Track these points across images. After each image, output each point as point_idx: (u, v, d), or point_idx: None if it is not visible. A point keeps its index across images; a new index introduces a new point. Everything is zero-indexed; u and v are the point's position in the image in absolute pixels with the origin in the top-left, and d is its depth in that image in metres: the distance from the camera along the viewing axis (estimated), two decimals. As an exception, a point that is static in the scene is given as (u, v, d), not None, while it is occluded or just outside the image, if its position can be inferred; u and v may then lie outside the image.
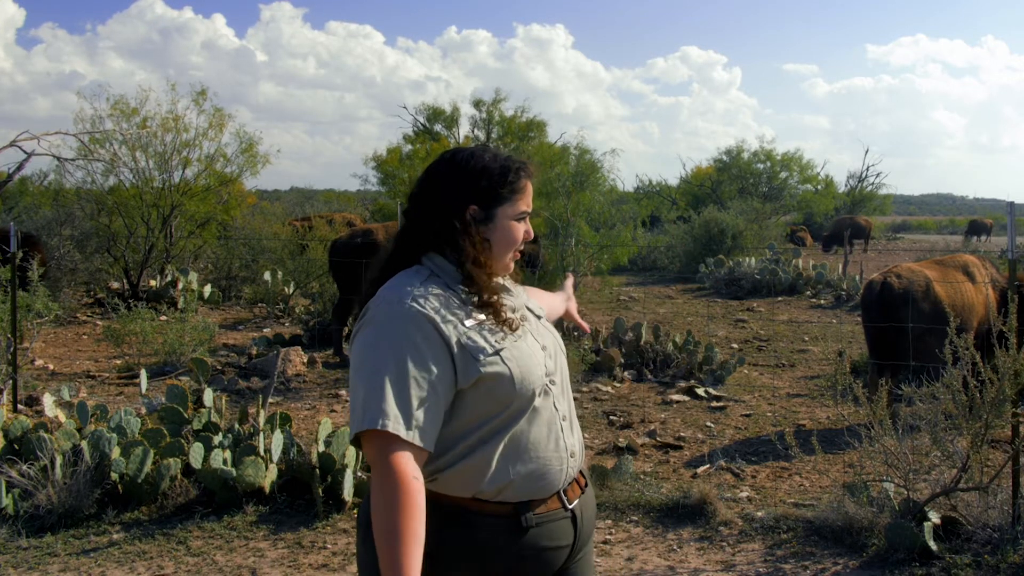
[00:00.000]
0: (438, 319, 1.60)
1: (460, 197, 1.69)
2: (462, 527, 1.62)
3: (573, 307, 2.37)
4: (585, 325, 2.40)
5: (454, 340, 1.60)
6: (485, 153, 1.74)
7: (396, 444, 1.52)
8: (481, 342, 1.62)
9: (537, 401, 1.68)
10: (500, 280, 1.80)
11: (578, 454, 1.77)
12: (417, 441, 1.54)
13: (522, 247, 1.79)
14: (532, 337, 1.74)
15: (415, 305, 1.60)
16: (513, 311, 1.74)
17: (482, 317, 1.66)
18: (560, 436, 1.71)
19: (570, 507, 1.72)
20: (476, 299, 1.66)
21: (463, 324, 1.63)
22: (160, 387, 6.53)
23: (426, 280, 1.66)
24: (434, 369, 1.57)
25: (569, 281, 2.43)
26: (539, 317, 1.84)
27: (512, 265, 1.80)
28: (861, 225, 24.31)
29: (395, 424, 1.52)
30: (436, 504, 1.59)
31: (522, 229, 1.77)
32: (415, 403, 1.55)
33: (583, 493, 1.78)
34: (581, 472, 1.80)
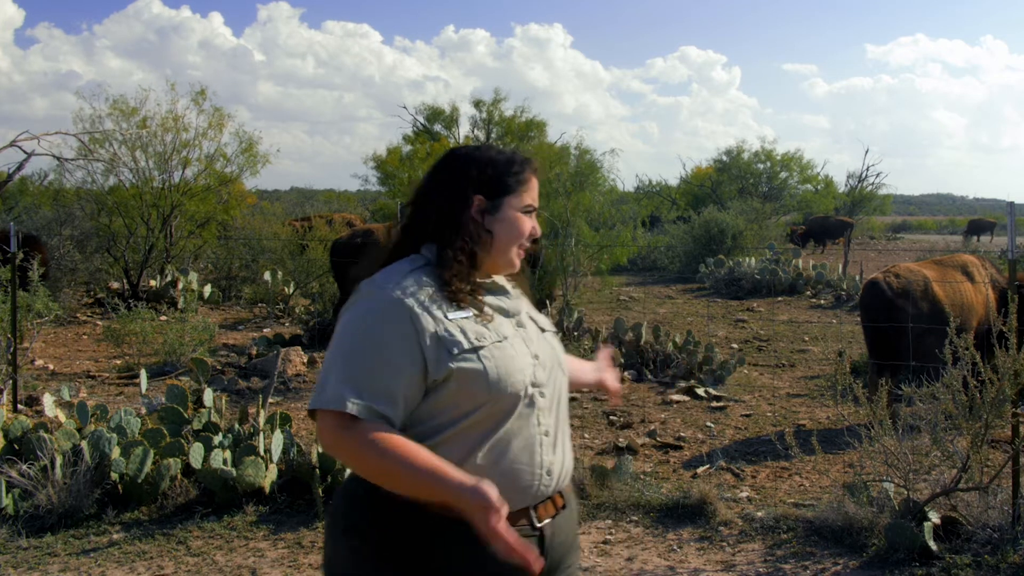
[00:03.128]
0: (417, 308, 1.57)
1: (466, 186, 1.67)
2: (427, 534, 1.56)
3: (610, 379, 2.10)
4: (617, 399, 2.20)
5: (431, 331, 1.56)
6: (491, 147, 1.77)
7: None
8: (459, 336, 1.58)
9: (517, 408, 1.62)
10: (501, 279, 1.77)
11: (557, 473, 1.68)
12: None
13: (528, 244, 1.74)
14: (523, 343, 1.68)
15: (397, 293, 1.58)
16: (501, 311, 1.70)
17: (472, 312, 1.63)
18: (537, 451, 1.64)
19: (538, 525, 1.66)
20: (447, 290, 1.61)
21: (447, 316, 1.59)
22: (160, 387, 6.53)
23: (417, 269, 1.64)
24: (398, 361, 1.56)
25: (606, 352, 2.18)
26: (543, 330, 1.79)
27: (517, 262, 1.74)
28: (835, 224, 24.65)
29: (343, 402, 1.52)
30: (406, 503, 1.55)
31: (529, 224, 1.73)
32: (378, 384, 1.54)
33: (558, 513, 1.71)
34: (561, 493, 1.72)
